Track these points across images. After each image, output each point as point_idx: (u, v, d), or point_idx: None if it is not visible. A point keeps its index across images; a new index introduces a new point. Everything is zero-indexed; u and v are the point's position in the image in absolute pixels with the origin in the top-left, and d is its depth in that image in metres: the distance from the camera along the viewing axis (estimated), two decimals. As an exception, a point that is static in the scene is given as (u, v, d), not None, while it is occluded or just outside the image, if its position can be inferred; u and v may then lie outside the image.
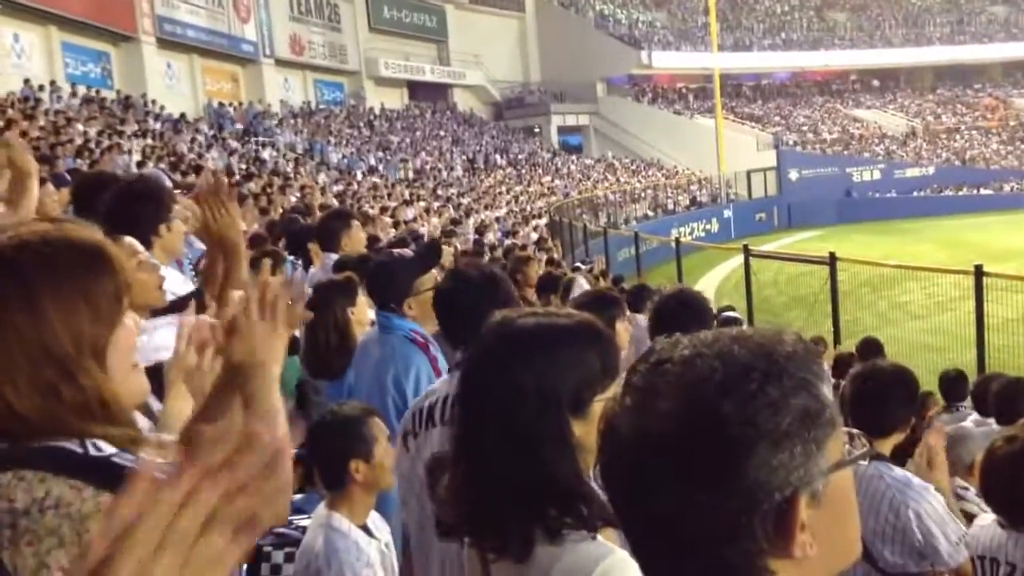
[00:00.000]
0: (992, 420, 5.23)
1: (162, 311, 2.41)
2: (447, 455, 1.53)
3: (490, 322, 1.53)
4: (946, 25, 55.72)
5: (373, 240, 8.59)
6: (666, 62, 48.48)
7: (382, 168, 29.98)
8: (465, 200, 28.03)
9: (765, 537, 0.83)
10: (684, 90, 50.54)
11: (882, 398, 2.89)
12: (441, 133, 39.17)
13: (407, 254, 3.48)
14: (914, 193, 42.02)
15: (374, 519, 2.63)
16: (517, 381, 1.41)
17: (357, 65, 39.79)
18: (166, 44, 28.99)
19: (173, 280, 3.07)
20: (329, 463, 2.55)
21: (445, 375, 2.76)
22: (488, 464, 1.39)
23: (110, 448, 1.15)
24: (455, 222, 19.91)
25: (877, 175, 43.34)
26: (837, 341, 10.65)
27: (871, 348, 7.99)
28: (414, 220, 18.42)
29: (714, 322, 4.31)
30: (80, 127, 17.88)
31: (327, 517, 2.52)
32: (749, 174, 39.69)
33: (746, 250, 13.62)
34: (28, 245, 1.17)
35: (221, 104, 29.99)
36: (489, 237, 19.47)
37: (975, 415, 5.71)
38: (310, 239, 5.52)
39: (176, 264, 3.64)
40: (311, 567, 2.45)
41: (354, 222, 5.31)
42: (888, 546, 2.72)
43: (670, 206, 36.88)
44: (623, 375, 0.93)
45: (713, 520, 0.82)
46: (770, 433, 0.81)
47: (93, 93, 23.63)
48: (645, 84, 49.66)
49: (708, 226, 34.80)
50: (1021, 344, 9.38)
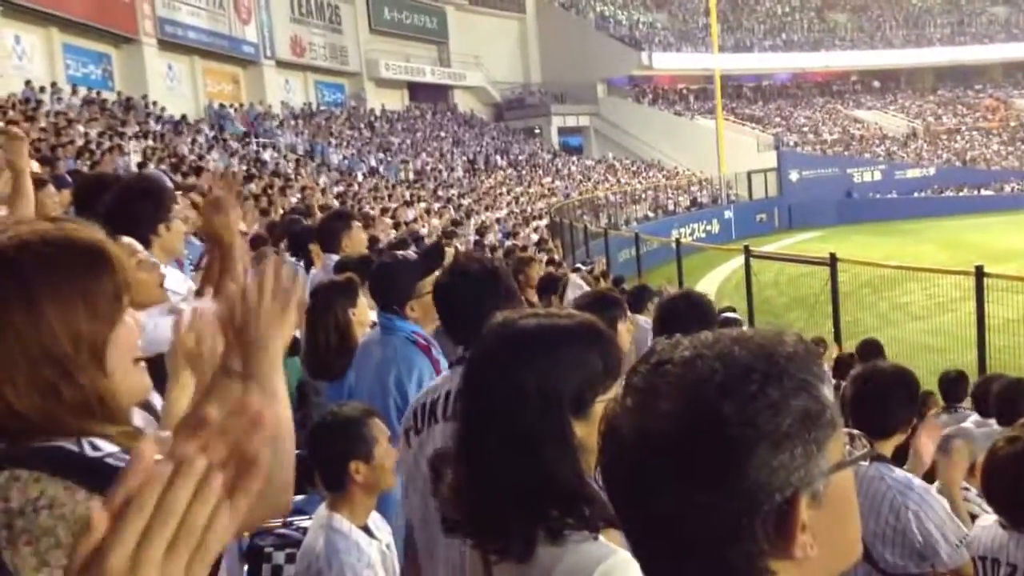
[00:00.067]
0: (993, 421, 5.23)
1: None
2: (450, 451, 1.53)
3: (491, 323, 1.53)
4: (947, 26, 55.71)
5: (373, 241, 8.59)
6: (667, 63, 48.50)
7: (383, 169, 29.99)
8: (466, 201, 28.03)
9: (766, 538, 0.83)
10: (685, 91, 50.56)
11: (883, 399, 2.88)
12: (442, 134, 39.18)
13: (410, 256, 3.48)
14: (915, 194, 42.00)
15: (375, 520, 2.63)
16: (519, 382, 1.41)
17: (358, 66, 39.81)
18: (167, 46, 29.01)
19: (173, 279, 3.08)
20: (329, 464, 2.55)
21: (447, 371, 2.76)
22: (490, 465, 1.39)
23: (108, 447, 1.15)
24: (456, 223, 19.92)
25: (878, 176, 43.34)
26: (838, 342, 10.63)
27: (871, 349, 7.97)
28: (415, 221, 18.43)
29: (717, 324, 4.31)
30: (81, 128, 17.88)
31: (328, 518, 2.52)
32: (750, 175, 39.72)
33: (747, 251, 13.60)
34: (28, 245, 1.17)
35: (222, 105, 30.01)
36: (490, 238, 19.49)
37: (975, 416, 5.70)
38: (311, 240, 5.52)
39: (176, 264, 3.64)
40: (312, 568, 2.45)
41: (355, 223, 5.32)
42: (888, 547, 2.72)
43: (671, 207, 36.90)
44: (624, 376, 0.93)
45: (714, 521, 0.82)
46: (771, 434, 0.82)
47: (94, 95, 23.65)
48: (646, 85, 49.68)
49: (709, 227, 34.81)
50: (1022, 345, 9.36)
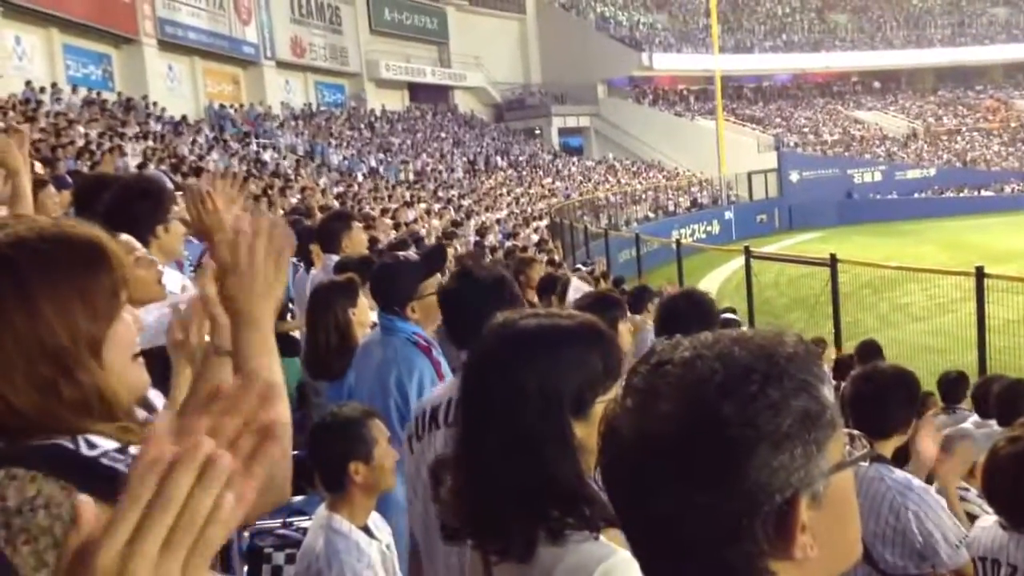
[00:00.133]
0: (993, 422, 5.22)
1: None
2: (450, 457, 1.53)
3: (492, 323, 1.52)
4: (947, 27, 55.72)
5: (373, 242, 8.59)
6: (667, 64, 48.52)
7: (383, 170, 29.99)
8: (466, 202, 28.04)
9: (766, 538, 0.82)
10: (685, 92, 50.58)
11: (883, 400, 2.88)
12: (442, 135, 39.19)
13: (412, 257, 3.48)
14: (915, 195, 42.00)
15: (375, 520, 2.63)
16: (519, 382, 1.40)
17: (358, 67, 39.83)
18: (167, 46, 29.03)
19: (172, 280, 3.07)
20: (329, 465, 2.55)
21: (449, 378, 2.75)
22: (490, 465, 1.39)
23: (105, 444, 1.15)
24: (456, 224, 19.90)
25: (878, 177, 43.34)
26: (838, 343, 10.62)
27: (870, 350, 7.94)
28: (415, 222, 18.40)
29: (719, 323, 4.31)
30: (81, 129, 17.89)
31: (328, 519, 2.52)
32: (750, 176, 39.73)
33: (747, 252, 13.58)
34: (24, 241, 1.17)
35: (222, 106, 30.03)
36: (490, 239, 19.48)
37: (975, 416, 5.70)
38: (311, 240, 5.52)
39: (176, 265, 3.64)
40: (312, 568, 2.45)
41: (355, 223, 5.32)
42: (888, 548, 2.72)
43: (671, 208, 36.91)
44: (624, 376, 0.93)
45: (714, 521, 0.82)
46: (771, 435, 0.81)
47: (94, 95, 23.67)
48: (646, 86, 49.69)
49: (709, 228, 34.80)
50: (1022, 346, 9.36)
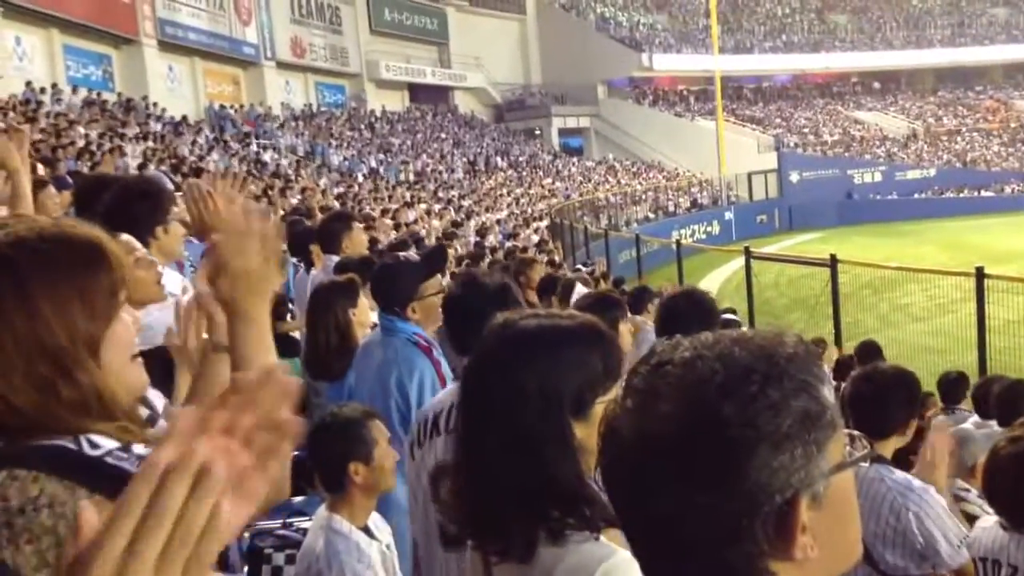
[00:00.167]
0: (993, 422, 5.22)
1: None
2: (450, 462, 1.53)
3: (492, 324, 1.52)
4: (947, 27, 55.73)
5: (373, 242, 8.60)
6: (667, 64, 48.53)
7: (383, 170, 29.99)
8: (466, 202, 28.05)
9: (766, 539, 0.82)
10: (685, 92, 50.59)
11: (883, 400, 2.88)
12: (442, 135, 39.20)
13: (412, 258, 3.48)
14: (915, 195, 42.01)
15: (375, 520, 2.63)
16: (519, 382, 1.40)
17: (358, 67, 39.85)
18: (167, 47, 29.04)
19: (172, 281, 3.07)
20: (329, 465, 2.55)
21: (451, 383, 2.75)
22: (490, 465, 1.39)
23: (107, 443, 1.15)
24: (456, 224, 19.92)
25: (878, 177, 43.35)
26: (838, 343, 10.62)
27: (869, 351, 7.94)
28: (415, 222, 18.41)
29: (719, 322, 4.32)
30: (81, 129, 17.89)
31: (328, 519, 2.52)
32: (750, 176, 39.73)
33: (747, 252, 13.57)
34: (24, 241, 1.17)
35: (222, 106, 30.03)
36: (490, 239, 19.47)
37: (974, 417, 5.70)
38: (311, 241, 5.53)
39: (176, 266, 3.64)
40: (312, 569, 2.45)
41: (355, 224, 5.33)
42: (889, 548, 2.71)
43: (671, 208, 36.91)
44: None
45: (714, 522, 0.82)
46: (771, 435, 0.81)
47: (94, 96, 23.68)
48: (646, 86, 49.71)
49: (709, 228, 34.80)
50: (1022, 346, 9.36)
